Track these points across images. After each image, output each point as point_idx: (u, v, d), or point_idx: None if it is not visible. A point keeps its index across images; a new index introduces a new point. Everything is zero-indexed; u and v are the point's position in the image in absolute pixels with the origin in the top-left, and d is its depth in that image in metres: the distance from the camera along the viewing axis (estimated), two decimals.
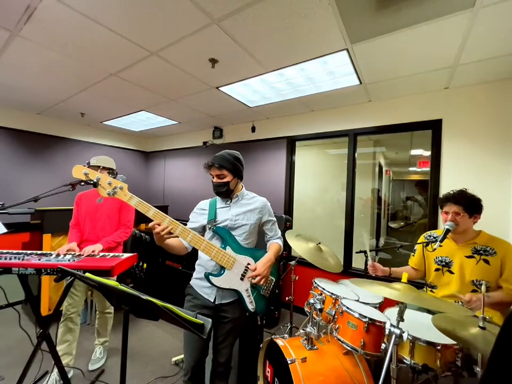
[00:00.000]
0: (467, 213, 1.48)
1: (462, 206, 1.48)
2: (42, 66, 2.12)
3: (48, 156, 3.72)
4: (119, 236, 1.99)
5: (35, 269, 1.48)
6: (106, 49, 1.83)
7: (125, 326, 0.85)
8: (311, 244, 2.10)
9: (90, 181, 1.07)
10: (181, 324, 0.76)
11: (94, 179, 1.08)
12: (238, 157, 1.45)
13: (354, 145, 2.79)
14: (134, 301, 0.75)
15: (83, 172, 1.09)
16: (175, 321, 0.79)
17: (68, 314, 1.84)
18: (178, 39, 1.68)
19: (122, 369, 0.85)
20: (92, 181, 1.07)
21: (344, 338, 1.35)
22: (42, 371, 1.80)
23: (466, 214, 1.48)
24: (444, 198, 1.58)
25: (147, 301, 0.67)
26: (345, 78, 2.13)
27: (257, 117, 3.33)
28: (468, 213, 1.48)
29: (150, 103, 2.94)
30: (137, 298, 0.68)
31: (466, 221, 1.49)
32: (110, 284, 0.78)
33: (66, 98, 2.86)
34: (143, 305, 0.74)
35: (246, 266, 1.40)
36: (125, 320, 0.85)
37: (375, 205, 4.54)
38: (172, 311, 0.70)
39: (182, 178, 4.42)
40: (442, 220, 1.59)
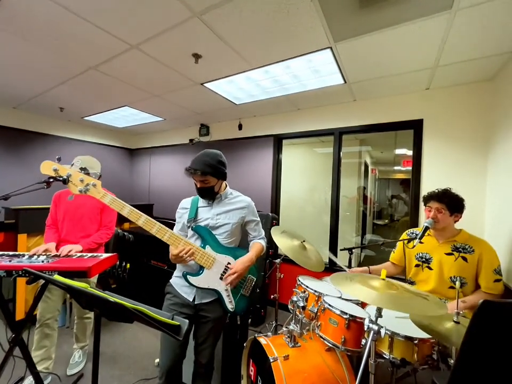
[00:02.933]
0: (448, 211, 1.52)
1: (444, 204, 1.52)
2: (17, 57, 2.00)
3: (25, 152, 3.55)
4: (100, 237, 1.91)
5: (5, 271, 1.40)
6: (84, 41, 1.75)
7: (96, 329, 0.82)
8: (295, 242, 2.10)
9: (60, 177, 1.01)
10: (154, 325, 0.73)
11: (64, 175, 1.02)
12: (220, 159, 1.38)
13: (340, 144, 2.81)
14: (104, 304, 0.72)
15: (52, 168, 1.03)
16: (149, 323, 0.76)
17: (43, 320, 1.74)
18: (159, 32, 1.63)
19: (94, 374, 0.82)
20: (61, 177, 1.01)
21: (325, 335, 1.36)
22: (15, 377, 1.72)
23: (447, 212, 1.52)
24: (428, 195, 1.62)
25: (115, 303, 0.64)
26: (330, 76, 2.14)
27: (244, 114, 3.30)
28: (449, 211, 1.52)
29: (133, 98, 2.86)
30: (105, 301, 0.65)
31: (447, 218, 1.53)
32: (79, 286, 0.74)
33: (44, 91, 2.73)
34: (114, 308, 0.71)
35: (226, 265, 1.38)
36: (96, 323, 0.81)
37: (361, 203, 4.62)
38: (143, 313, 0.67)
39: (167, 176, 4.34)
40: (425, 216, 1.62)
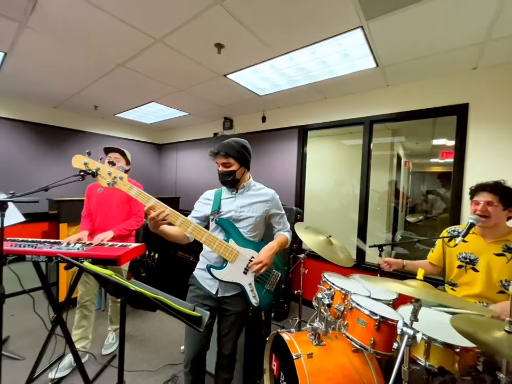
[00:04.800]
0: (502, 205, 1.32)
1: (497, 195, 1.33)
2: (52, 58, 2.14)
3: (65, 148, 3.85)
4: (131, 224, 2.01)
5: (46, 257, 1.52)
6: (112, 37, 1.80)
7: (122, 314, 0.84)
8: (321, 237, 2.02)
9: (89, 171, 1.06)
10: (176, 315, 0.73)
11: (93, 169, 1.06)
12: (245, 145, 1.38)
13: (370, 134, 2.63)
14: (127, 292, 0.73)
15: (83, 162, 1.08)
16: (171, 313, 0.76)
17: (82, 302, 1.90)
18: (182, 24, 1.62)
19: (120, 356, 0.85)
20: (90, 171, 1.06)
21: (352, 336, 1.28)
22: (57, 353, 1.89)
23: (500, 205, 1.33)
24: (477, 186, 1.43)
25: (136, 292, 0.64)
26: (360, 60, 1.99)
27: (267, 106, 3.23)
28: (502, 205, 1.32)
29: (159, 93, 2.93)
30: (127, 289, 0.66)
31: (499, 213, 1.34)
32: (105, 273, 0.76)
33: (79, 91, 2.91)
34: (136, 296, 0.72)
35: (250, 259, 1.36)
36: (122, 309, 0.84)
37: (393, 198, 4.33)
38: (163, 302, 0.67)
39: (193, 170, 4.43)
40: (471, 211, 1.44)
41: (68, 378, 1.78)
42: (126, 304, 0.86)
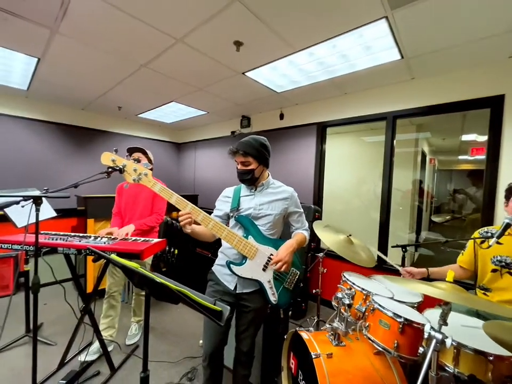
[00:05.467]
0: None
1: None
2: (81, 61, 2.26)
3: (90, 148, 4.05)
4: (151, 220, 2.09)
5: (76, 250, 1.61)
6: (135, 39, 1.87)
7: (146, 307, 0.87)
8: (341, 236, 1.97)
9: (117, 167, 1.10)
10: (197, 309, 0.74)
11: (120, 165, 1.11)
12: (264, 143, 1.38)
13: (393, 130, 2.52)
14: (152, 284, 0.76)
15: (111, 159, 1.13)
16: (192, 306, 0.78)
17: (110, 293, 2.01)
18: (201, 23, 1.64)
19: (144, 347, 0.88)
20: (118, 167, 1.10)
21: (375, 338, 1.24)
22: (86, 341, 2.00)
23: None
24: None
25: (161, 284, 0.67)
26: (384, 52, 1.91)
27: (285, 103, 3.20)
28: None
29: (179, 93, 2.99)
30: (152, 281, 0.68)
31: None
32: (131, 265, 0.79)
33: (104, 92, 3.04)
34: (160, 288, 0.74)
35: (269, 257, 1.36)
36: (146, 301, 0.87)
37: (416, 197, 4.14)
38: (186, 295, 0.68)
39: (211, 168, 4.50)
40: (508, 212, 1.34)
41: (95, 365, 1.88)
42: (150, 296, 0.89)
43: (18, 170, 3.38)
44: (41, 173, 3.56)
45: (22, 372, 1.82)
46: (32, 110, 3.46)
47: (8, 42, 2.00)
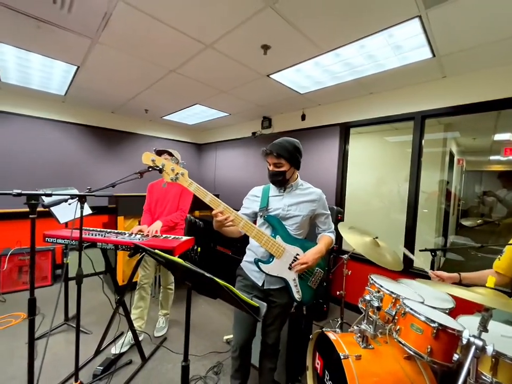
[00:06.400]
0: None
1: None
2: (116, 68, 2.40)
3: (119, 149, 4.27)
4: (176, 217, 2.19)
5: (114, 245, 1.73)
6: (167, 46, 1.96)
7: (188, 300, 0.93)
8: (366, 238, 1.96)
9: (157, 167, 1.18)
10: (239, 304, 0.78)
11: (159, 165, 1.18)
12: (297, 146, 1.40)
13: (422, 130, 2.45)
14: (197, 278, 0.81)
15: (151, 159, 1.20)
16: (232, 301, 0.82)
17: (141, 284, 2.12)
18: (232, 29, 1.69)
19: (186, 339, 0.94)
20: (158, 167, 1.18)
21: (406, 342, 1.23)
22: (119, 331, 2.13)
23: None
24: None
25: (210, 279, 0.71)
26: (414, 51, 1.86)
27: (307, 104, 3.19)
28: None
29: (203, 96, 3.08)
30: (201, 275, 0.73)
31: None
32: (177, 260, 0.85)
33: (133, 96, 3.20)
34: (205, 283, 0.79)
35: (295, 256, 1.38)
36: (188, 294, 0.92)
37: (442, 200, 3.97)
38: (231, 291, 0.73)
39: (232, 168, 4.58)
40: None
41: (127, 354, 1.99)
42: (191, 290, 0.94)
43: (54, 169, 3.64)
44: (74, 172, 3.81)
45: (63, 356, 1.97)
46: (67, 113, 3.70)
47: (51, 51, 2.16)
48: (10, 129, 3.30)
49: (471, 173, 6.19)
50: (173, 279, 2.37)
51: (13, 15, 1.63)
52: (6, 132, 3.27)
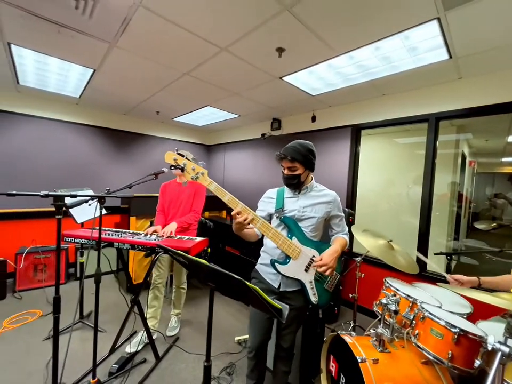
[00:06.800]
0: None
1: None
2: (132, 71, 2.44)
3: (130, 150, 4.34)
4: (190, 218, 2.21)
5: (130, 245, 1.75)
6: (183, 49, 1.98)
7: (210, 301, 0.94)
8: (380, 241, 1.94)
9: (179, 166, 1.20)
10: (263, 306, 0.79)
11: (181, 164, 1.21)
12: (311, 149, 1.41)
13: (436, 132, 2.42)
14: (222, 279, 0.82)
15: (173, 158, 1.23)
16: (256, 303, 0.83)
17: (155, 284, 2.15)
18: (248, 32, 1.71)
19: (208, 340, 0.95)
20: (179, 166, 1.20)
21: (426, 346, 1.22)
22: (132, 330, 2.15)
23: None
24: None
25: (238, 281, 0.72)
26: (431, 53, 1.85)
27: (318, 105, 3.19)
28: None
29: (214, 98, 3.11)
30: (229, 277, 0.74)
31: None
32: (202, 262, 0.87)
33: (146, 98, 3.25)
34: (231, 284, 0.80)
35: (311, 258, 1.38)
36: (211, 296, 0.94)
37: (454, 202, 3.91)
38: (258, 292, 0.74)
39: (240, 169, 4.60)
40: None
41: (141, 353, 2.02)
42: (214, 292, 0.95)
43: (68, 170, 3.72)
44: (86, 172, 3.88)
45: (78, 354, 2.00)
46: (81, 115, 3.78)
47: (69, 55, 2.22)
48: (27, 130, 3.38)
49: (483, 175, 6.08)
50: (185, 279, 2.39)
51: (35, 21, 1.68)
52: (24, 133, 3.36)
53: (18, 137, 3.32)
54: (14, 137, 3.29)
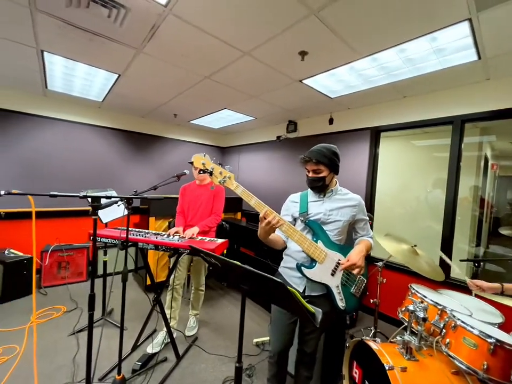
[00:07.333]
0: None
1: None
2: (154, 76, 2.51)
3: (148, 152, 4.44)
4: (211, 221, 2.23)
5: (154, 245, 1.80)
6: (206, 54, 2.02)
7: (242, 303, 0.95)
8: (404, 246, 1.90)
9: (207, 170, 1.22)
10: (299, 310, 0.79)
11: (209, 168, 1.23)
12: (336, 151, 1.41)
13: (461, 135, 2.35)
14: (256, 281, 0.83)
15: (201, 162, 1.25)
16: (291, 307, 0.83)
17: (173, 285, 2.19)
18: (273, 36, 1.72)
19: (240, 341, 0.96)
20: (207, 170, 1.22)
21: (458, 356, 1.18)
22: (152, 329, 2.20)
23: None
24: None
25: (278, 284, 0.73)
26: (458, 54, 1.80)
27: (336, 107, 3.17)
28: None
29: (232, 101, 3.14)
30: (268, 280, 0.75)
31: None
32: (236, 263, 0.88)
33: (166, 102, 3.33)
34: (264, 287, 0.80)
35: (337, 262, 1.37)
36: (243, 298, 0.95)
37: (475, 207, 3.77)
38: (297, 298, 0.74)
39: (255, 172, 4.61)
40: None
41: (161, 351, 2.05)
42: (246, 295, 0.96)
43: (91, 171, 3.85)
44: (108, 173, 4.00)
45: (101, 350, 2.06)
46: (103, 118, 3.91)
47: (97, 61, 2.30)
48: (53, 133, 3.53)
49: (505, 178, 5.84)
50: (204, 281, 2.42)
51: (70, 29, 1.76)
52: (49, 136, 3.50)
53: (44, 139, 3.47)
54: (41, 139, 3.44)
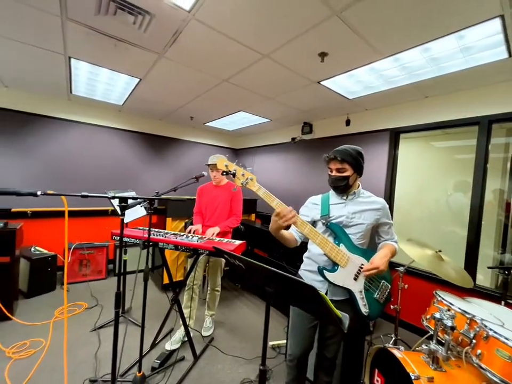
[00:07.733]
0: None
1: None
2: (174, 80, 2.56)
3: (164, 153, 4.54)
4: (232, 222, 2.26)
5: (174, 245, 1.82)
6: (226, 58, 2.05)
7: (267, 306, 0.95)
8: (428, 251, 1.84)
9: (230, 172, 1.23)
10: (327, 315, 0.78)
11: (232, 170, 1.24)
12: (361, 152, 1.40)
13: (488, 136, 2.26)
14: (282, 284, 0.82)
15: (224, 164, 1.27)
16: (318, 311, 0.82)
17: (190, 285, 2.21)
18: (293, 37, 1.72)
19: (264, 344, 0.95)
20: (231, 172, 1.23)
21: (491, 368, 1.12)
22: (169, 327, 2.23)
23: None
24: None
25: (310, 287, 0.72)
26: (487, 52, 1.73)
27: (353, 109, 3.12)
28: None
29: (248, 103, 3.16)
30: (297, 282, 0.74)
31: None
32: (262, 265, 0.88)
33: (183, 105, 3.39)
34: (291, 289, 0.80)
35: (360, 266, 1.34)
36: (267, 301, 0.94)
37: (500, 211, 3.59)
38: (325, 301, 0.73)
39: (270, 174, 4.60)
40: None
41: (178, 351, 2.08)
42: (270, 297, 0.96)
43: (111, 172, 3.98)
44: (127, 175, 4.13)
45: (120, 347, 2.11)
46: (123, 121, 4.04)
47: (120, 66, 2.38)
48: (75, 135, 3.68)
49: None
50: (220, 282, 2.43)
51: (97, 36, 1.83)
52: (72, 138, 3.65)
53: (67, 141, 3.62)
54: (64, 142, 3.60)
